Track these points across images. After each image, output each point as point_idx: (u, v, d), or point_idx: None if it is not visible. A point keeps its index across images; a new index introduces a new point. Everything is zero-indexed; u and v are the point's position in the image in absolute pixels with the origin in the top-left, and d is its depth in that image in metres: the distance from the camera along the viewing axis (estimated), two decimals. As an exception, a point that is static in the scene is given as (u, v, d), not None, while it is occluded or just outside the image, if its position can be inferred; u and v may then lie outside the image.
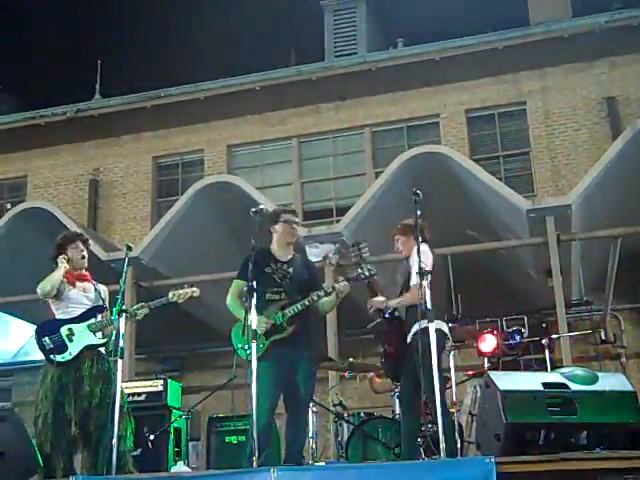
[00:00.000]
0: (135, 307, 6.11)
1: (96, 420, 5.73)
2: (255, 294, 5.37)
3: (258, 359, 5.37)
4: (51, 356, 5.91)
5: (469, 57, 13.05)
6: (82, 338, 5.94)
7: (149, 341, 11.05)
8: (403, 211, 6.22)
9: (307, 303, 5.62)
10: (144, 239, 10.58)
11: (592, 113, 12.73)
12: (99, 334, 6.01)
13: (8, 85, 18.11)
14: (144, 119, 14.47)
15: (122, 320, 5.72)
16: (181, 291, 6.10)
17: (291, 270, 5.78)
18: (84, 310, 6.06)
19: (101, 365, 5.95)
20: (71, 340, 5.94)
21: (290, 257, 5.88)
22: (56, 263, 6.18)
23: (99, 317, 6.06)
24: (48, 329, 6.00)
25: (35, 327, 6.09)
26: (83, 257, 6.25)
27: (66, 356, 5.89)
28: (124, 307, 5.77)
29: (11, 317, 12.10)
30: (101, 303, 6.15)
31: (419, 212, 5.60)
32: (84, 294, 6.17)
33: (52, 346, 5.92)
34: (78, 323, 5.99)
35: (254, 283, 5.40)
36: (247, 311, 5.39)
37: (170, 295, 6.09)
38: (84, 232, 6.92)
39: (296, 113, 14.01)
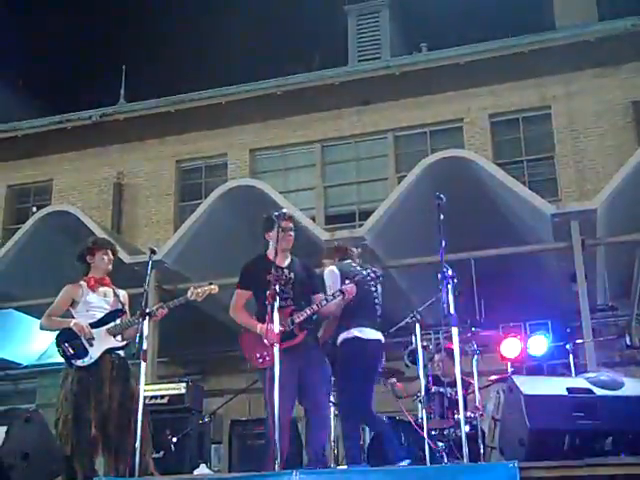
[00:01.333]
0: (155, 307, 6.13)
1: (116, 423, 5.77)
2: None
3: (271, 367, 5.37)
4: (72, 361, 5.95)
5: (493, 61, 12.98)
6: (102, 342, 5.98)
7: (171, 344, 11.08)
8: (426, 215, 6.21)
9: (316, 308, 5.62)
10: (167, 242, 10.61)
11: (617, 117, 12.62)
12: (119, 337, 6.04)
13: (34, 90, 18.30)
14: (168, 123, 14.55)
15: (145, 323, 5.76)
16: (199, 289, 6.10)
17: (292, 275, 5.76)
18: (103, 314, 6.10)
19: (121, 368, 5.99)
20: (91, 344, 5.97)
21: (288, 262, 5.84)
22: (81, 262, 6.22)
23: (118, 321, 6.11)
24: (68, 335, 6.03)
25: (56, 334, 6.12)
26: (108, 266, 6.30)
27: (87, 360, 5.93)
28: (147, 310, 5.81)
29: (36, 319, 12.19)
30: (120, 307, 6.19)
31: (442, 216, 5.58)
32: (104, 298, 6.21)
33: (72, 352, 5.96)
34: (98, 327, 6.03)
35: (277, 287, 5.40)
36: (259, 318, 5.42)
37: (189, 293, 6.08)
38: (110, 238, 6.96)
39: (319, 118, 14.02)
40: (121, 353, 6.08)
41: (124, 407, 5.81)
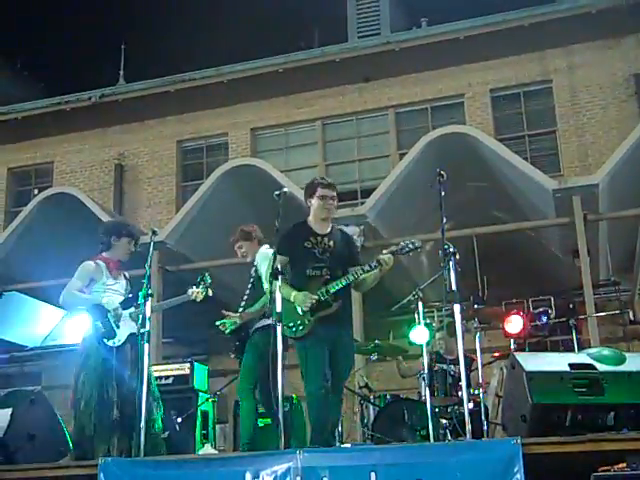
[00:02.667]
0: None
1: (133, 405, 5.78)
2: (281, 276, 5.35)
3: (304, 336, 5.36)
4: (104, 340, 5.96)
5: (494, 35, 12.89)
6: (126, 325, 6.00)
7: (176, 325, 11.12)
8: (427, 192, 6.18)
9: (351, 278, 5.43)
10: (169, 223, 10.62)
11: (620, 90, 12.55)
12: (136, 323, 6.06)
13: (32, 71, 18.23)
14: (168, 103, 14.49)
15: (148, 304, 5.77)
16: (200, 289, 6.16)
17: (332, 243, 5.59)
18: (123, 298, 6.10)
19: (137, 351, 5.99)
20: (118, 326, 5.99)
21: (329, 230, 5.70)
22: (106, 238, 6.21)
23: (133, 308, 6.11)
24: (99, 313, 6.04)
25: (85, 310, 6.11)
26: (127, 255, 6.31)
27: (116, 342, 5.95)
28: (150, 291, 5.81)
29: (39, 302, 12.21)
30: (129, 289, 6.20)
31: (443, 193, 5.56)
32: (119, 282, 6.24)
33: (104, 330, 5.97)
34: (123, 310, 6.04)
35: (278, 266, 5.38)
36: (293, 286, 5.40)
37: (189, 292, 6.19)
38: (111, 219, 6.93)
39: (320, 95, 13.96)
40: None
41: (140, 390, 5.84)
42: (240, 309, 6.42)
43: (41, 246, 10.67)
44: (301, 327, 5.40)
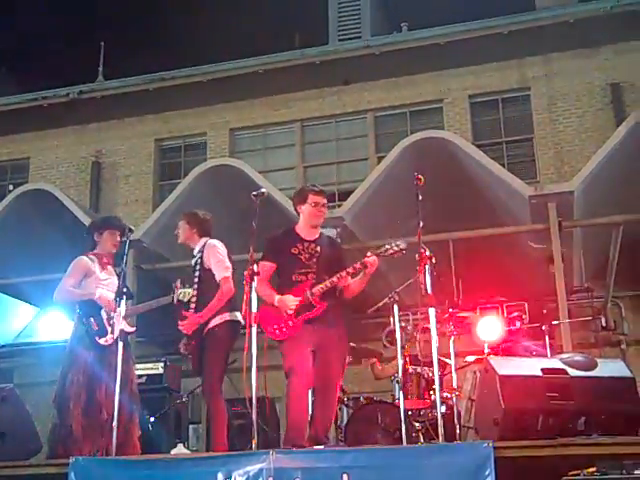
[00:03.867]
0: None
1: (119, 404, 5.73)
2: (256, 277, 5.37)
3: (287, 338, 5.38)
4: (96, 338, 5.90)
5: (473, 42, 12.97)
6: (118, 323, 5.93)
7: (149, 324, 11.06)
8: (405, 196, 6.21)
9: (336, 280, 5.50)
10: (146, 222, 10.58)
11: (596, 99, 12.67)
12: (129, 320, 6.01)
13: (10, 66, 18.06)
14: (147, 102, 14.42)
15: (122, 303, 5.74)
16: (187, 290, 6.08)
17: (318, 249, 5.67)
18: (113, 294, 6.02)
19: (126, 351, 5.94)
20: (110, 323, 5.94)
21: (317, 236, 5.78)
22: (89, 241, 6.15)
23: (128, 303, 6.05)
24: (91, 309, 5.98)
25: (78, 306, 6.05)
26: (113, 248, 6.26)
27: (109, 340, 5.89)
28: (125, 289, 5.79)
29: (12, 299, 12.10)
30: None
31: (420, 197, 5.59)
32: (110, 278, 6.20)
33: (97, 329, 5.92)
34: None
35: (255, 267, 5.40)
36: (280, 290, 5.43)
37: (178, 293, 6.06)
38: (87, 216, 6.88)
39: (299, 97, 13.96)
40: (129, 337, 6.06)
41: (126, 389, 5.80)
42: (192, 305, 6.12)
43: (15, 242, 10.57)
44: (284, 329, 5.43)
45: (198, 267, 6.17)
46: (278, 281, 5.70)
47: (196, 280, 6.13)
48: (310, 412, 5.69)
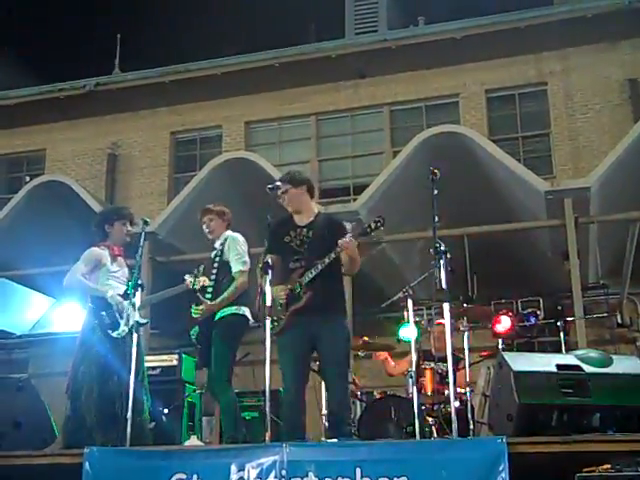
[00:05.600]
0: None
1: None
2: (270, 270, 5.36)
3: (280, 331, 5.37)
4: (109, 331, 5.92)
5: (490, 36, 12.90)
6: (130, 315, 5.94)
7: (164, 316, 11.10)
8: (420, 191, 6.19)
9: (320, 267, 5.42)
10: (161, 214, 10.61)
11: (614, 95, 12.58)
12: (142, 312, 6.03)
13: (27, 58, 18.12)
14: (163, 94, 14.45)
15: (138, 294, 5.76)
16: (201, 278, 6.10)
17: (310, 234, 5.61)
18: (125, 287, 6.03)
19: (139, 344, 5.95)
20: (122, 317, 5.96)
21: (311, 219, 5.72)
22: (99, 230, 6.17)
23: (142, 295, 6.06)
24: (103, 304, 6.00)
25: (90, 300, 6.07)
26: (126, 237, 6.28)
27: (121, 333, 5.91)
28: (140, 282, 5.80)
29: (28, 289, 12.17)
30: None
31: (435, 191, 5.57)
32: (122, 269, 6.22)
33: (109, 321, 5.94)
34: (125, 300, 6.00)
35: (269, 260, 5.40)
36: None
37: (188, 279, 6.11)
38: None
39: (315, 90, 13.94)
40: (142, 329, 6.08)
41: (139, 381, 5.82)
42: (208, 296, 6.19)
43: (31, 234, 10.62)
44: (276, 323, 5.43)
45: (217, 259, 6.24)
46: (279, 271, 5.63)
47: (214, 271, 6.19)
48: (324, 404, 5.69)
